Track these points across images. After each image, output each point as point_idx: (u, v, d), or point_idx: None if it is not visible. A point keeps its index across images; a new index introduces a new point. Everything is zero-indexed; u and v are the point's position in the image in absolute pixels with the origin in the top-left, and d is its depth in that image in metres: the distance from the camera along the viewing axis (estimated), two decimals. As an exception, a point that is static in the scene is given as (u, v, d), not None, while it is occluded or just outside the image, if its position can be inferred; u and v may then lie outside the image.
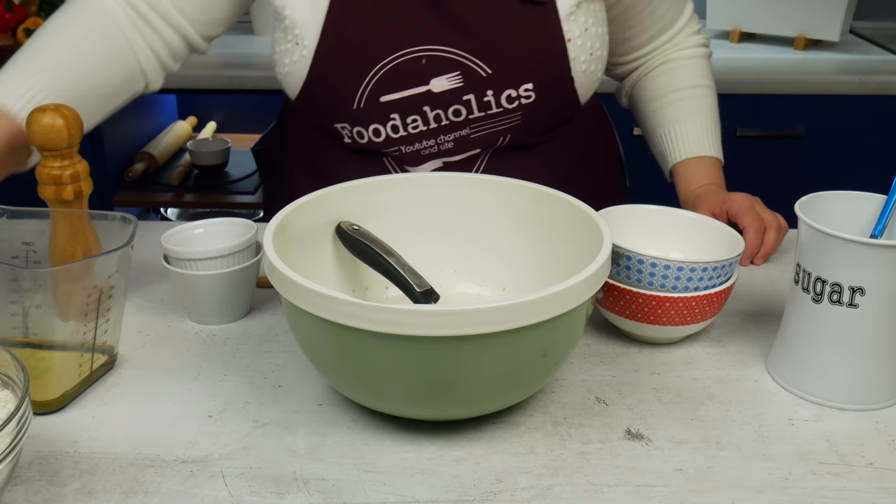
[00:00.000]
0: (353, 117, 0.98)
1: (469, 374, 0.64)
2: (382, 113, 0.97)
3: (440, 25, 0.94)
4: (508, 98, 0.96)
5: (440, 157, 1.00)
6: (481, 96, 0.96)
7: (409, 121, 0.97)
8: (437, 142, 0.99)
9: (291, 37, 0.97)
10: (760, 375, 0.78)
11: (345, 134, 1.00)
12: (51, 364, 0.72)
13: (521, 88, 0.96)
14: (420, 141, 0.99)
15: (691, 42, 1.13)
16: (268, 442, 0.69)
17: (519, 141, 1.01)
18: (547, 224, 0.81)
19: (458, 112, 0.97)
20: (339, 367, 0.67)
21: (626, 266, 0.79)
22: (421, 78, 0.95)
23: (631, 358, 0.81)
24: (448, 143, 0.99)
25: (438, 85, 0.95)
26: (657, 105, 1.10)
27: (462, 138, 0.99)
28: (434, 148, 0.99)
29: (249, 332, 0.85)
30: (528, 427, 0.71)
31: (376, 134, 0.98)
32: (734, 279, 0.81)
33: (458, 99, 0.96)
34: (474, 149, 1.00)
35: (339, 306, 0.61)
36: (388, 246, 0.78)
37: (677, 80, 1.10)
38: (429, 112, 0.96)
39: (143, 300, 0.91)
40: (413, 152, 0.99)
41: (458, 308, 0.60)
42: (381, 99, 0.96)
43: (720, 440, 0.70)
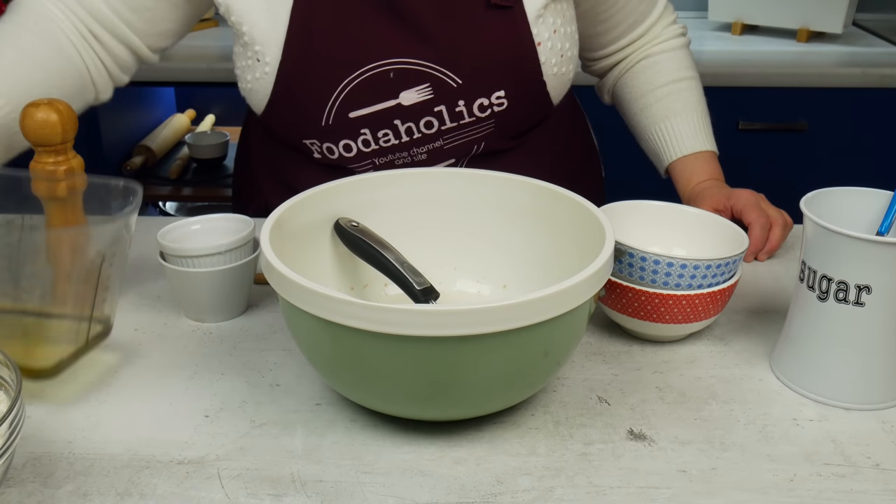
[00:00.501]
0: (322, 133, 0.96)
1: (469, 375, 0.63)
2: (352, 128, 0.95)
3: (406, 37, 0.92)
4: (480, 107, 0.95)
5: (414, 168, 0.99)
6: (453, 107, 0.94)
7: (380, 135, 0.95)
8: (410, 154, 0.97)
9: (252, 53, 0.94)
10: (765, 374, 0.77)
11: (314, 150, 0.98)
12: (47, 332, 0.71)
13: (493, 96, 0.94)
14: (393, 153, 0.97)
15: (669, 33, 1.10)
16: (265, 442, 0.68)
17: (494, 147, 1.00)
18: (548, 220, 0.80)
19: (429, 124, 0.95)
20: (337, 367, 0.66)
21: (629, 263, 0.78)
22: (390, 92, 0.93)
23: (633, 356, 0.80)
24: (422, 155, 0.98)
25: (408, 98, 0.93)
26: (644, 103, 1.08)
27: (436, 150, 0.97)
28: (408, 159, 0.98)
29: (247, 329, 0.84)
30: (530, 427, 0.70)
31: (347, 149, 0.97)
32: (738, 276, 0.80)
33: (430, 111, 0.94)
34: (449, 159, 0.98)
35: (337, 306, 0.60)
36: (387, 243, 0.77)
37: (661, 75, 1.07)
38: (400, 125, 0.95)
39: (139, 297, 0.90)
40: (387, 163, 0.98)
41: (459, 308, 0.59)
42: (350, 115, 0.94)
43: (724, 441, 0.69)
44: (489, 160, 1.00)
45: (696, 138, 1.04)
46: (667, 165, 1.06)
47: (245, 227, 0.86)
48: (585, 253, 0.73)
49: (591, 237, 0.73)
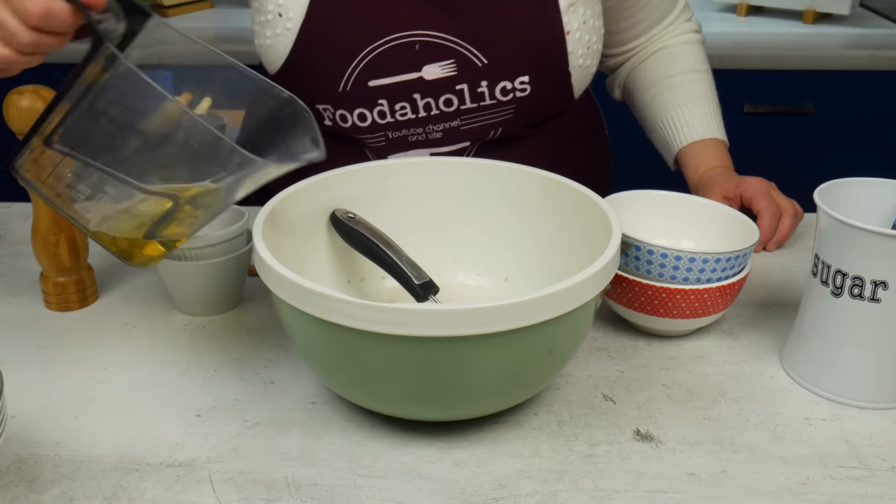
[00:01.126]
0: (337, 100, 0.94)
1: (471, 375, 0.61)
2: (370, 98, 0.93)
3: (436, 10, 0.90)
4: (503, 90, 0.92)
5: (428, 147, 0.96)
6: (475, 87, 0.92)
7: (397, 107, 0.93)
8: (425, 130, 0.95)
9: (274, 6, 0.92)
10: (775, 371, 0.75)
11: (326, 116, 0.96)
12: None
13: (517, 81, 0.92)
14: (408, 128, 0.94)
15: (685, 28, 1.10)
16: (258, 444, 0.66)
17: (510, 134, 0.97)
18: (551, 211, 0.77)
19: (449, 102, 0.92)
20: (333, 367, 0.63)
21: (636, 257, 0.75)
22: (413, 64, 0.91)
23: (639, 352, 0.77)
24: (437, 133, 0.95)
25: (431, 72, 0.91)
26: (655, 91, 1.06)
27: (452, 129, 0.95)
28: (422, 136, 0.95)
29: (241, 323, 0.81)
30: (533, 427, 0.68)
31: (361, 118, 0.94)
32: (748, 270, 0.77)
33: (451, 88, 0.92)
34: (463, 141, 0.96)
35: (333, 305, 0.58)
36: (385, 235, 0.75)
37: (675, 65, 1.06)
38: (419, 100, 0.92)
39: (130, 289, 0.87)
40: (399, 138, 0.95)
41: (460, 307, 0.56)
42: (369, 83, 0.92)
43: (734, 441, 0.66)
44: (501, 148, 0.98)
45: (707, 126, 1.02)
46: (676, 153, 1.03)
47: (238, 218, 0.84)
48: (590, 245, 0.70)
49: (596, 229, 0.71)
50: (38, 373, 0.74)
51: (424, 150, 0.97)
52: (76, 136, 0.64)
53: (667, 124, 1.03)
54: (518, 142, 0.99)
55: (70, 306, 0.83)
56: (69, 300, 0.83)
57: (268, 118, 0.69)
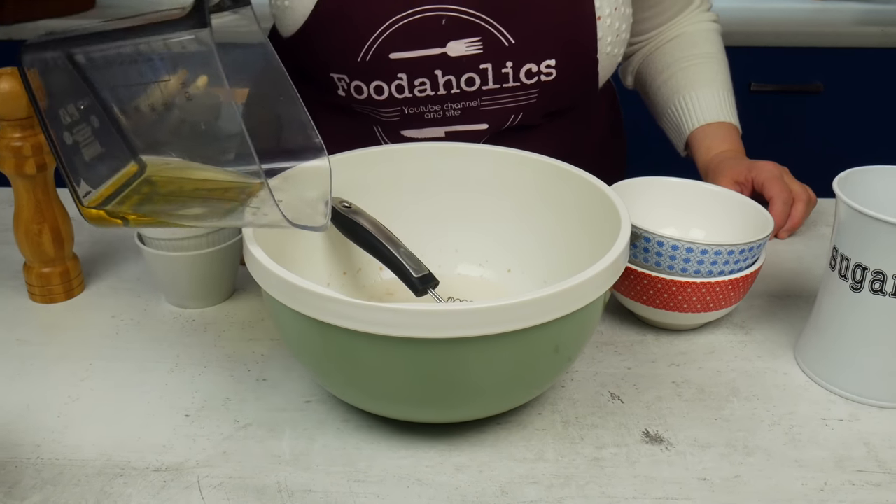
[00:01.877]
0: (355, 69, 0.90)
1: (472, 376, 0.58)
2: (389, 70, 0.89)
3: None
4: (528, 73, 0.89)
5: (444, 125, 0.92)
6: (500, 67, 0.88)
7: (416, 83, 0.89)
8: (443, 108, 0.91)
9: None
10: (789, 367, 0.72)
11: (340, 86, 0.92)
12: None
13: (543, 64, 0.89)
14: (425, 105, 0.91)
15: (703, 17, 1.07)
16: (249, 446, 0.63)
17: (529, 121, 0.94)
18: (556, 200, 0.74)
19: (471, 81, 0.89)
20: (327, 367, 0.60)
21: (644, 248, 0.72)
22: (438, 39, 0.87)
23: (647, 347, 0.74)
24: (454, 111, 0.91)
25: (455, 49, 0.87)
26: (669, 74, 1.03)
27: (471, 109, 0.91)
28: (439, 113, 0.91)
29: (232, 316, 0.78)
30: (537, 428, 0.65)
31: (378, 91, 0.90)
32: (762, 262, 0.74)
33: (475, 67, 0.88)
34: (481, 122, 0.92)
35: (326, 304, 0.54)
36: (382, 225, 0.71)
37: (690, 48, 1.03)
38: (440, 77, 0.89)
39: (117, 280, 0.84)
40: (415, 114, 0.92)
41: (461, 308, 0.53)
42: (390, 55, 0.88)
43: (747, 444, 0.63)
44: (517, 135, 0.94)
45: (721, 110, 0.98)
46: (687, 135, 0.99)
47: (230, 206, 0.80)
48: (596, 236, 0.67)
49: (603, 219, 0.67)
50: (19, 370, 0.71)
51: (440, 128, 0.93)
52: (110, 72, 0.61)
53: (679, 106, 1.00)
54: (535, 130, 0.96)
55: (55, 298, 0.80)
56: (54, 292, 0.79)
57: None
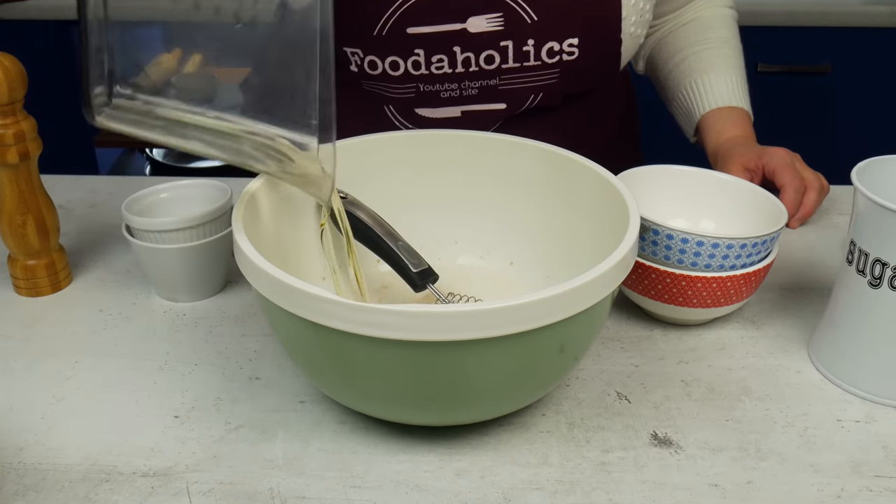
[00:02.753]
0: (370, 44, 0.86)
1: (474, 379, 0.55)
2: (406, 46, 0.86)
3: None
4: (550, 52, 0.85)
5: (460, 105, 0.89)
6: (521, 45, 0.85)
7: (434, 59, 0.86)
8: (460, 87, 0.88)
9: None
10: (803, 364, 0.69)
11: (353, 60, 0.88)
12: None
13: (566, 43, 0.85)
14: (442, 83, 0.87)
15: (720, 3, 1.03)
16: (241, 450, 0.60)
17: (548, 102, 0.90)
18: (561, 190, 0.70)
19: (490, 59, 0.86)
20: (321, 369, 0.57)
21: (653, 241, 0.69)
22: (458, 14, 0.84)
23: (655, 343, 0.72)
24: (472, 90, 0.88)
25: (476, 25, 0.83)
26: (681, 57, 0.99)
27: (489, 88, 0.88)
28: (455, 92, 0.88)
29: (224, 310, 0.75)
30: (541, 430, 0.62)
31: (394, 67, 0.86)
32: (774, 255, 0.71)
33: (495, 44, 0.85)
34: (499, 102, 0.89)
35: (320, 305, 0.52)
36: (380, 218, 0.68)
37: (705, 31, 0.99)
38: (458, 53, 0.85)
39: (106, 271, 0.81)
40: (431, 92, 0.88)
41: (462, 309, 0.50)
42: (407, 30, 0.84)
43: (760, 447, 0.61)
44: (534, 118, 0.91)
45: (733, 95, 0.95)
46: (697, 120, 0.96)
47: (222, 196, 0.77)
48: (602, 228, 0.65)
49: (609, 210, 0.64)
50: (3, 367, 0.68)
51: (456, 107, 0.90)
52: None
53: (690, 90, 0.97)
54: (553, 112, 0.93)
55: (40, 291, 0.77)
56: (39, 285, 0.76)
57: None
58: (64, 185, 0.97)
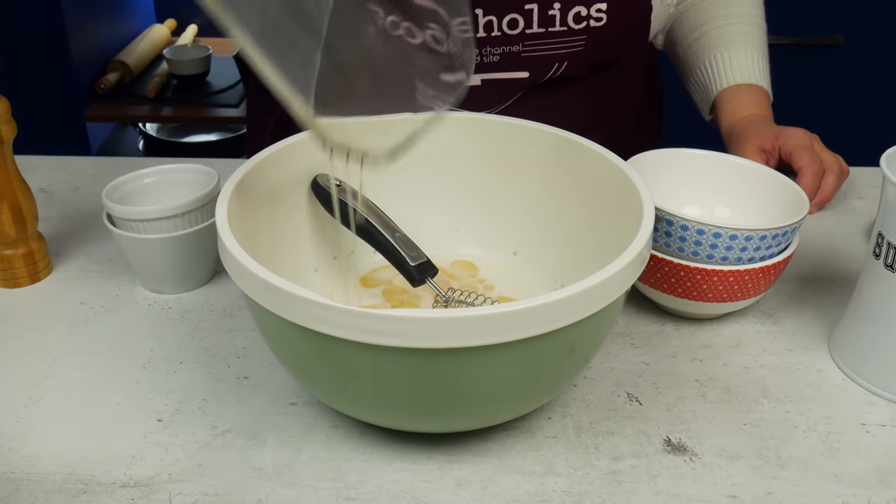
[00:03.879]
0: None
1: (476, 386, 0.51)
2: None
3: None
4: (576, 17, 0.81)
5: (480, 72, 0.85)
6: (546, 9, 0.81)
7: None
8: (481, 53, 0.83)
9: None
10: (823, 362, 0.65)
11: None
12: None
13: (593, 8, 0.81)
14: None
15: None
16: (228, 457, 0.57)
17: (572, 72, 0.86)
18: (568, 177, 0.66)
19: (514, 23, 0.81)
20: (312, 374, 0.54)
21: (666, 232, 0.65)
22: None
23: (667, 338, 0.68)
24: (493, 57, 0.84)
25: None
26: (701, 32, 0.94)
27: (511, 55, 0.83)
28: (476, 59, 0.84)
29: (212, 303, 0.71)
30: (546, 435, 0.59)
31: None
32: (795, 247, 0.67)
33: (519, 7, 0.81)
34: (522, 70, 0.84)
35: (310, 308, 0.47)
36: (377, 207, 0.64)
37: (728, 6, 0.94)
38: (480, 17, 0.81)
39: (88, 260, 0.77)
40: None
41: (464, 314, 0.46)
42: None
43: (780, 454, 0.57)
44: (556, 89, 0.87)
45: (753, 72, 0.90)
46: (714, 97, 0.92)
47: (209, 181, 0.73)
48: (612, 217, 0.61)
49: (620, 199, 0.60)
50: (-24, 366, 0.64)
51: (476, 75, 0.86)
52: None
53: (708, 65, 0.92)
54: (576, 83, 0.88)
55: (18, 282, 0.73)
56: (17, 276, 0.72)
57: None
58: (46, 166, 0.93)
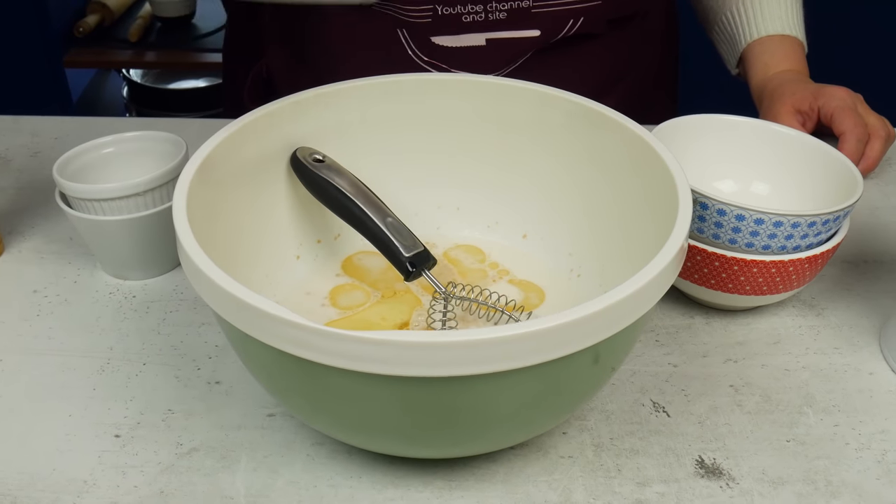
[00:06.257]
0: None
1: (483, 412, 0.43)
2: None
3: None
4: None
5: (485, 31, 0.75)
6: None
7: None
8: (486, 9, 0.74)
9: None
10: (875, 363, 0.58)
11: None
12: None
13: None
14: (464, 4, 0.73)
15: None
16: (195, 482, 0.49)
17: (589, 29, 0.76)
18: (585, 151, 0.57)
19: None
20: (288, 395, 0.46)
21: (699, 216, 0.57)
22: None
23: (696, 334, 0.60)
24: (500, 14, 0.74)
25: None
26: None
27: (520, 11, 0.74)
28: (480, 16, 0.74)
29: (181, 290, 0.63)
30: (561, 455, 0.51)
31: None
32: (845, 233, 0.58)
33: None
34: (532, 28, 0.75)
35: (285, 330, 0.39)
36: (365, 187, 0.56)
37: None
38: None
39: (44, 239, 0.69)
40: (451, 16, 0.74)
41: (470, 337, 0.38)
42: None
43: (830, 478, 0.50)
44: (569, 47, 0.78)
45: (786, 21, 0.80)
46: (742, 48, 0.82)
47: (176, 151, 0.64)
48: (635, 197, 0.53)
49: (645, 178, 0.52)
50: (-90, 369, 0.56)
51: (480, 34, 0.76)
52: None
53: (736, 13, 0.82)
54: (591, 42, 0.79)
55: (-37, 267, 0.65)
56: (-39, 259, 0.64)
57: None
58: (2, 126, 0.84)
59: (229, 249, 0.52)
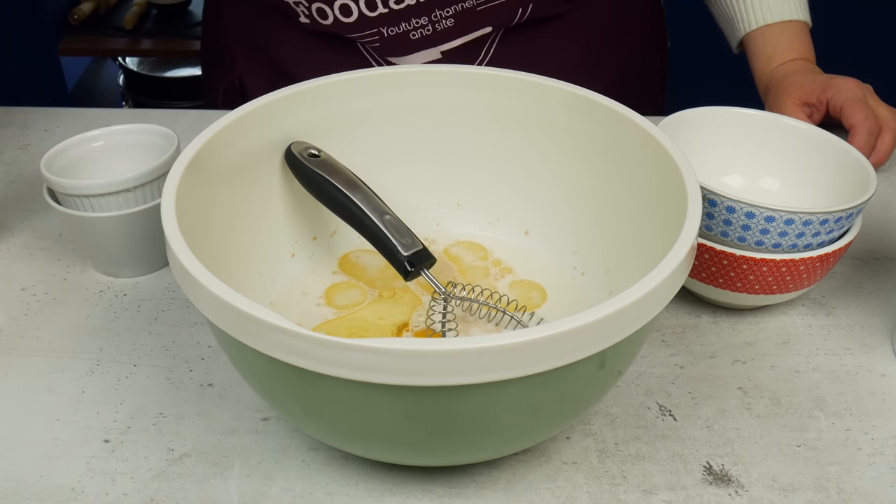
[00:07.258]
0: None
1: (485, 421, 0.42)
2: None
3: None
4: None
5: (436, 45, 0.73)
6: None
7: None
8: (430, 20, 0.71)
9: None
10: (888, 364, 0.56)
11: (300, 11, 0.73)
12: None
13: None
14: (408, 20, 0.71)
15: None
16: (186, 489, 0.47)
17: (542, 12, 0.74)
18: (588, 144, 0.56)
19: None
20: (286, 404, 0.44)
21: (708, 213, 0.55)
22: None
23: (703, 334, 0.58)
24: (446, 22, 0.72)
25: None
26: None
27: (465, 13, 0.71)
28: (427, 29, 0.72)
29: (173, 288, 0.62)
30: (565, 461, 0.49)
31: (345, 12, 0.71)
32: (857, 230, 0.57)
33: None
34: (482, 26, 0.73)
35: (279, 337, 0.38)
36: (362, 183, 0.54)
37: None
38: None
39: (33, 235, 0.67)
40: (397, 36, 0.72)
41: (472, 345, 0.36)
42: None
43: (843, 486, 0.48)
44: (533, 33, 0.75)
45: (789, 2, 0.78)
46: (742, 36, 0.80)
47: (167, 145, 0.63)
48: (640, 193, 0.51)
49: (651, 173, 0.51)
50: None
51: (433, 48, 0.74)
52: None
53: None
54: (554, 23, 0.76)
55: (-51, 264, 0.63)
56: (-53, 256, 0.63)
57: None
58: (-8, 119, 0.82)
59: (221, 248, 0.50)
